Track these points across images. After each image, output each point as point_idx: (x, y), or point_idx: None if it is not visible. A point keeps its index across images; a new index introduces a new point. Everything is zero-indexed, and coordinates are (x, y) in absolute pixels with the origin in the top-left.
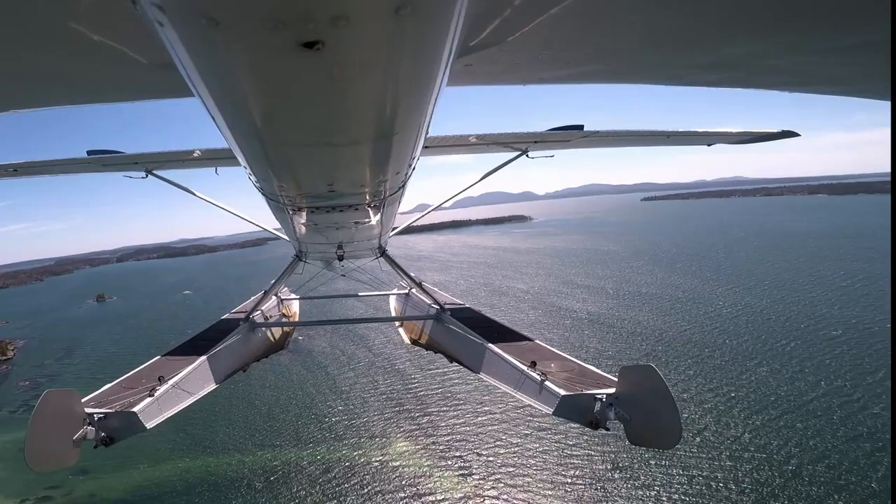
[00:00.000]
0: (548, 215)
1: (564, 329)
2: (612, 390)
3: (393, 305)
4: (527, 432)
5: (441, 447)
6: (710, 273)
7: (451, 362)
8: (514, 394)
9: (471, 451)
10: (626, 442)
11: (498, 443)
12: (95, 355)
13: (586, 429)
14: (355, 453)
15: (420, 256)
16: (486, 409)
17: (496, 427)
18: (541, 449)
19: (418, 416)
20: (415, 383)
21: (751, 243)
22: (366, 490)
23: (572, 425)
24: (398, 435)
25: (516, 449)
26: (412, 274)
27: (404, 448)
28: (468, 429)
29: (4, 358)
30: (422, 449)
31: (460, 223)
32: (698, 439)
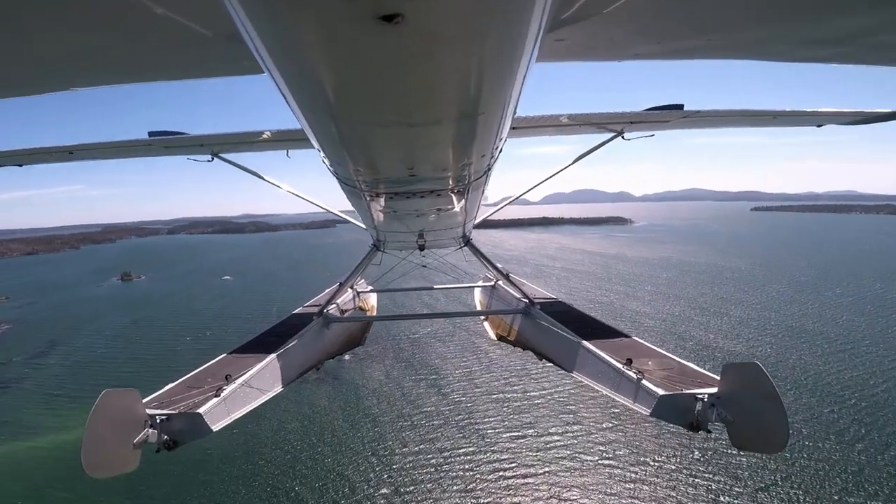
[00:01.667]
0: (649, 219)
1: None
2: (714, 390)
3: (478, 299)
4: None
5: None
6: (873, 308)
7: (541, 360)
8: (608, 394)
9: None
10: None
11: None
12: (74, 358)
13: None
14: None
15: (510, 258)
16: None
17: None
18: None
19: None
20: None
21: None
22: None
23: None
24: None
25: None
26: (499, 265)
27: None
28: None
29: None
30: None
31: (552, 221)
32: None
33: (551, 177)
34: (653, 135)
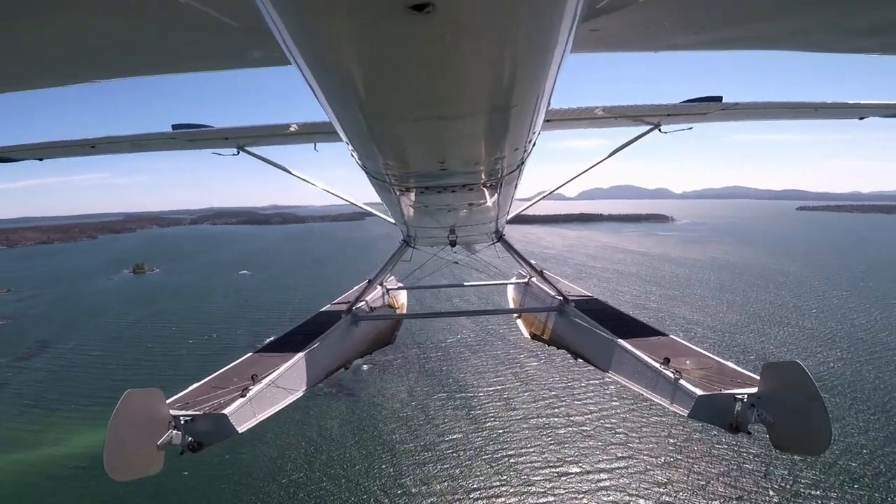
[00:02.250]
0: (691, 217)
1: None
2: (754, 390)
3: (511, 296)
4: None
5: None
6: None
7: (576, 359)
8: (645, 394)
9: None
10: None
11: None
12: (62, 361)
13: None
14: None
15: (547, 256)
16: None
17: None
18: None
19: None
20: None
21: None
22: None
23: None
24: None
25: None
26: (532, 261)
27: None
28: None
29: None
30: None
31: (590, 217)
32: None
33: (586, 171)
34: (691, 128)
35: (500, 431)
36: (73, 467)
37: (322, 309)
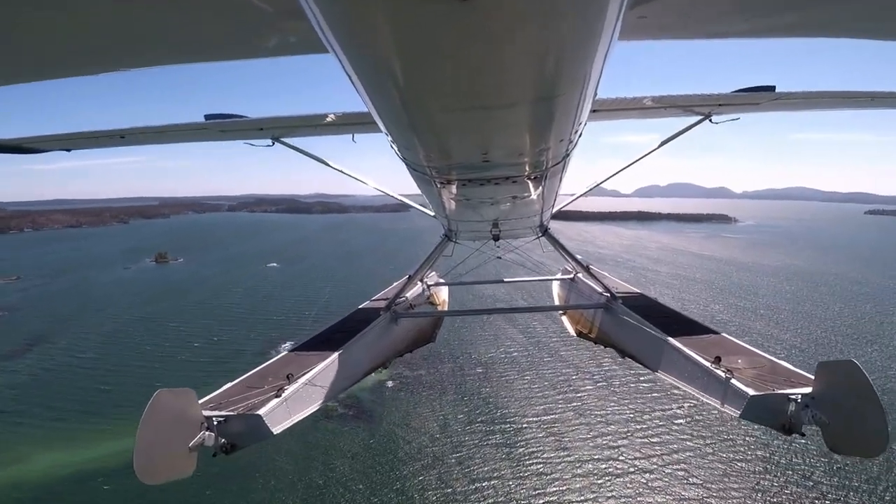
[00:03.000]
0: (754, 218)
1: None
2: (807, 390)
3: (556, 292)
4: None
5: None
6: None
7: (623, 358)
8: (695, 394)
9: None
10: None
11: None
12: (49, 363)
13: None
14: None
15: (602, 257)
16: None
17: None
18: None
19: None
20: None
21: None
22: None
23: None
24: None
25: None
26: (578, 256)
27: None
28: None
29: None
30: None
31: (648, 216)
32: None
33: (635, 162)
34: (737, 118)
35: (549, 479)
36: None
37: (360, 306)
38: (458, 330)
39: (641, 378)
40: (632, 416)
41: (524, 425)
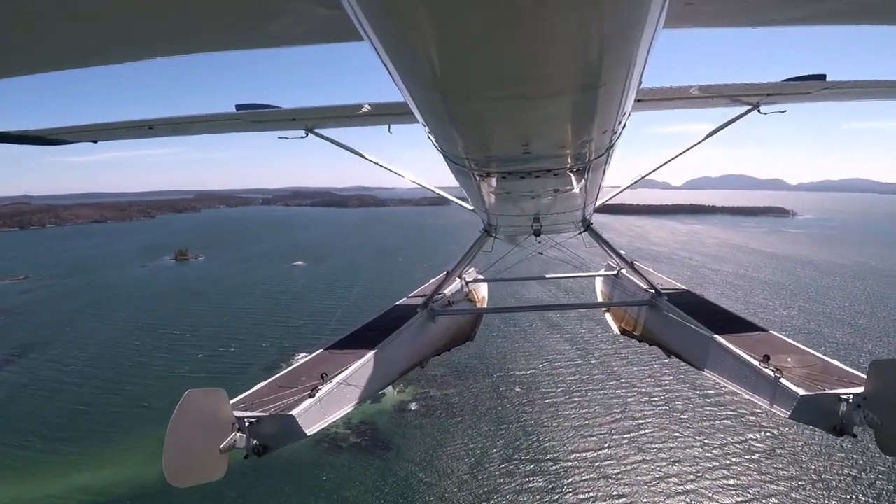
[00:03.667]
0: (813, 211)
1: None
2: (860, 389)
3: (599, 289)
4: None
5: None
6: None
7: (668, 356)
8: (743, 393)
9: None
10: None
11: None
12: (30, 376)
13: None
14: None
15: (657, 254)
16: None
17: None
18: None
19: None
20: None
21: None
22: None
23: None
24: None
25: None
26: (622, 252)
27: None
28: None
29: None
30: None
31: (701, 209)
32: None
33: (681, 154)
34: (784, 110)
35: None
36: None
37: (397, 303)
38: (494, 340)
39: (708, 401)
40: (702, 450)
41: (573, 464)
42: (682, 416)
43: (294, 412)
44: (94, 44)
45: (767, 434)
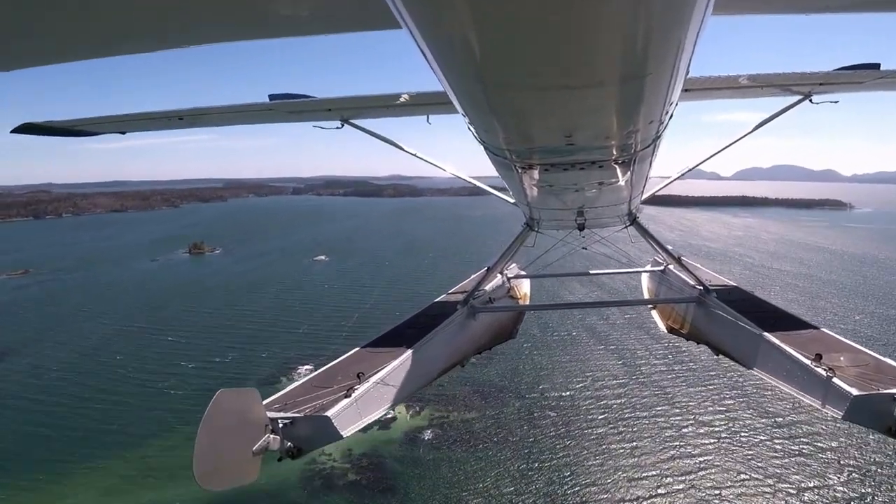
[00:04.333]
0: (872, 204)
1: None
2: None
3: (645, 285)
4: None
5: None
6: None
7: (717, 355)
8: (794, 393)
9: None
10: None
11: None
12: None
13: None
14: None
15: (711, 252)
16: None
17: None
18: None
19: None
20: None
21: None
22: None
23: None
24: None
25: None
26: (669, 247)
27: None
28: None
29: None
30: None
31: (753, 201)
32: None
33: (731, 144)
34: (837, 101)
35: None
36: None
37: (436, 300)
38: (528, 353)
39: (779, 431)
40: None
41: None
42: (748, 453)
43: (329, 413)
44: (122, 33)
45: (857, 476)
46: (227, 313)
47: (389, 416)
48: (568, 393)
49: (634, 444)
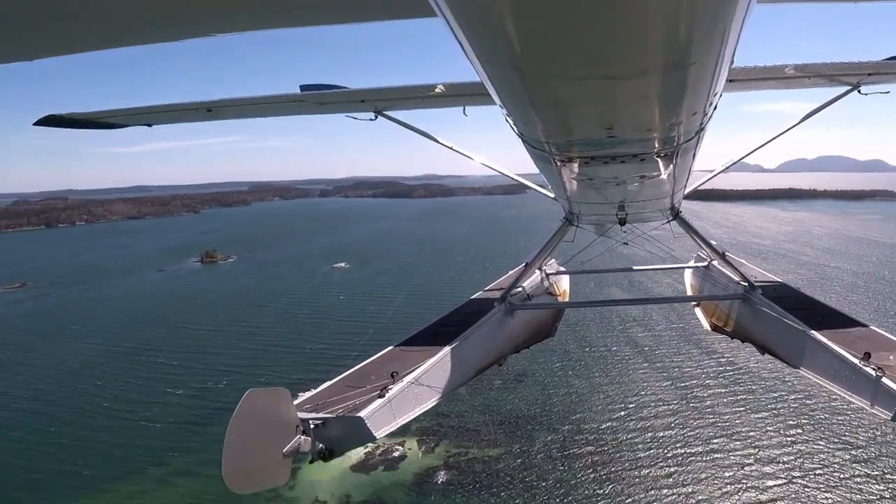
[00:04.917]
0: None
1: None
2: None
3: (689, 282)
4: None
5: None
6: None
7: (763, 354)
8: (841, 393)
9: None
10: None
11: None
12: None
13: None
14: None
15: (762, 249)
16: None
17: None
18: None
19: None
20: None
21: None
22: None
23: None
24: None
25: None
26: (713, 242)
27: None
28: None
29: None
30: None
31: (800, 193)
32: None
33: (778, 136)
34: (888, 91)
35: None
36: None
37: (473, 297)
38: (562, 375)
39: (861, 471)
40: None
41: None
42: (826, 489)
43: (362, 413)
44: (134, 20)
45: None
46: (228, 330)
47: (397, 453)
48: (608, 424)
49: (688, 488)
